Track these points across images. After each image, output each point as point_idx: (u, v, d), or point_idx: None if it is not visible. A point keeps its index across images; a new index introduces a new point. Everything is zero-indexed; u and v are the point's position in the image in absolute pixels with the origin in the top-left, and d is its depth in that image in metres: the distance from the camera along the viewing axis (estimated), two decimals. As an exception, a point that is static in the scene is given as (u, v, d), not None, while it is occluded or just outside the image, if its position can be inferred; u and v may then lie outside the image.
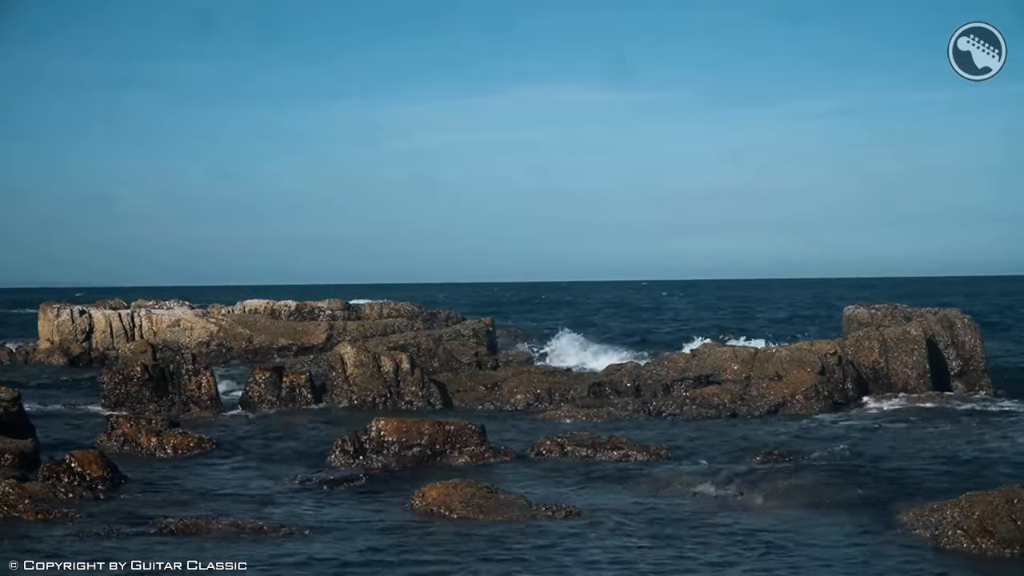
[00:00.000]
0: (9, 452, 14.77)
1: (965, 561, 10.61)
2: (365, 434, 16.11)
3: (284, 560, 10.65)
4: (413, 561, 10.67)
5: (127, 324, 34.62)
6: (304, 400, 22.07)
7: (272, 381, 22.23)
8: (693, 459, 16.35)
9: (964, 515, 10.99)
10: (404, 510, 12.80)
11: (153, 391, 21.81)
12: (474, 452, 16.01)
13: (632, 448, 16.37)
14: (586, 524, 12.08)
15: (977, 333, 24.56)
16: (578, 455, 16.12)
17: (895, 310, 25.87)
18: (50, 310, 35.00)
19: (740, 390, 22.17)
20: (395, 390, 22.25)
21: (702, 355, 23.89)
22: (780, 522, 12.17)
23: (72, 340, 34.30)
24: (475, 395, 23.30)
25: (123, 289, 72.52)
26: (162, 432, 17.23)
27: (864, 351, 23.50)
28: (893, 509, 12.57)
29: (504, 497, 12.80)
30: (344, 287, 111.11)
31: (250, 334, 34.37)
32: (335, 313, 35.77)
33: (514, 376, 24.06)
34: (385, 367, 22.38)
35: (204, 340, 34.12)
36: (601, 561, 10.69)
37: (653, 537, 11.57)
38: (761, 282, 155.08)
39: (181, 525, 11.68)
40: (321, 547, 11.16)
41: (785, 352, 22.95)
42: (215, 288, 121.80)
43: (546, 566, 10.53)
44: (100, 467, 14.22)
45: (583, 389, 23.18)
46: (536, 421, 20.67)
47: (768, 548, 11.12)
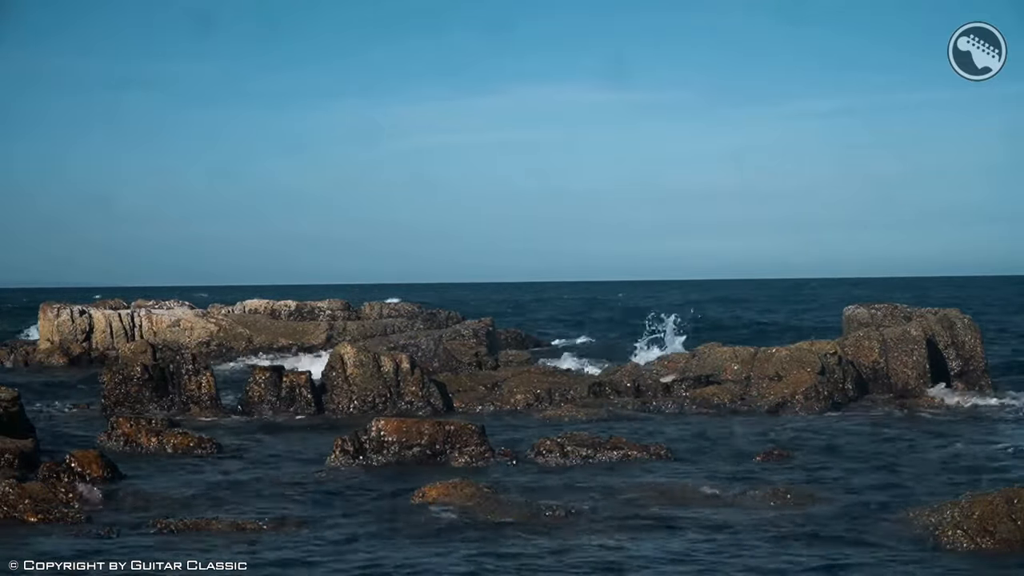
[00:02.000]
0: (9, 452, 14.76)
1: (965, 561, 10.61)
2: (365, 434, 16.11)
3: (284, 560, 10.66)
4: (413, 561, 10.68)
5: (127, 324, 34.61)
6: (304, 400, 22.07)
7: (272, 381, 22.23)
8: (693, 459, 16.35)
9: (964, 515, 10.99)
10: (404, 510, 12.80)
11: (153, 391, 21.81)
12: (474, 452, 16.01)
13: (632, 448, 16.37)
14: (586, 524, 12.09)
15: (977, 333, 24.57)
16: (578, 455, 16.13)
17: (895, 310, 25.87)
18: (50, 310, 34.98)
19: (740, 390, 22.17)
20: (395, 390, 22.25)
21: (702, 355, 23.89)
22: (780, 522, 12.17)
23: (72, 340, 34.30)
24: (475, 395, 23.30)
25: (123, 289, 72.55)
26: (162, 432, 17.23)
27: (864, 351, 23.50)
28: (893, 509, 12.58)
29: (504, 497, 12.81)
30: (344, 287, 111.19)
31: (250, 334, 34.37)
32: (335, 313, 35.77)
33: (514, 376, 24.06)
34: (385, 367, 22.38)
35: (204, 340, 34.12)
36: (601, 561, 10.69)
37: (653, 537, 11.58)
38: (761, 282, 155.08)
39: (181, 525, 11.69)
40: (321, 547, 11.17)
41: (785, 352, 22.95)
42: (215, 288, 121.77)
43: (546, 566, 10.53)
44: (100, 467, 14.23)
45: (583, 389, 23.18)
46: (536, 421, 20.68)
47: (768, 548, 11.12)
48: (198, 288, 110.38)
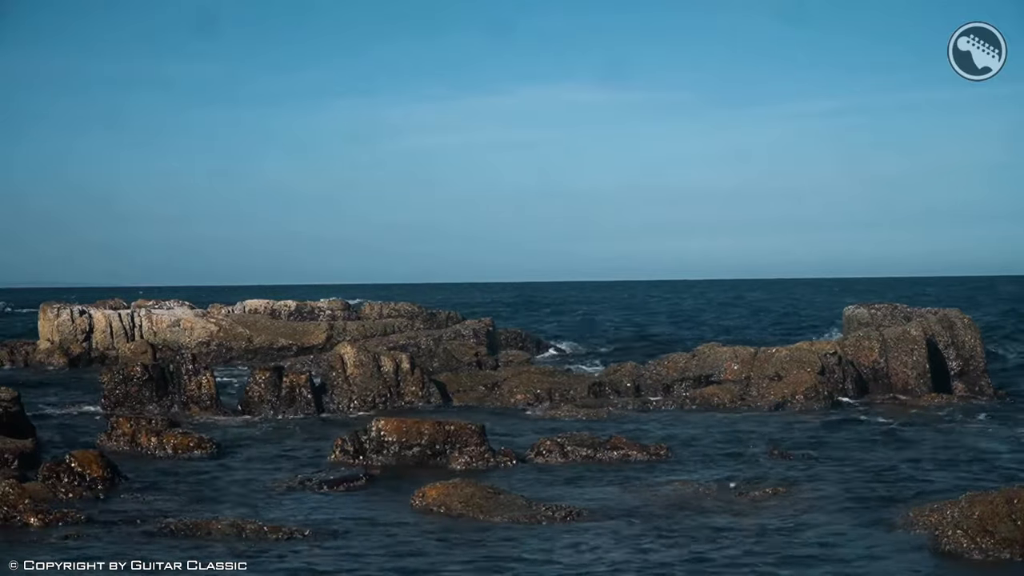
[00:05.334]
0: (9, 452, 14.77)
1: (965, 561, 10.61)
2: (365, 434, 16.11)
3: (284, 560, 10.66)
4: (413, 561, 10.67)
5: (127, 324, 34.61)
6: (304, 400, 22.06)
7: (272, 381, 22.22)
8: (693, 459, 16.35)
9: (964, 515, 10.98)
10: (404, 510, 12.80)
11: (153, 391, 21.82)
12: (474, 452, 16.01)
13: (632, 448, 16.37)
14: (586, 524, 12.09)
15: (977, 333, 24.58)
16: (578, 455, 16.12)
17: (895, 310, 25.89)
18: (50, 310, 34.98)
19: (740, 390, 22.18)
20: (395, 390, 22.25)
21: (702, 355, 23.91)
22: (780, 522, 12.17)
23: (72, 340, 34.29)
24: (475, 395, 23.31)
25: (123, 289, 72.55)
26: (162, 432, 17.23)
27: (864, 351, 23.50)
28: (893, 509, 12.58)
29: (504, 497, 12.80)
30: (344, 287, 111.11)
31: (250, 334, 34.36)
32: (335, 313, 35.77)
33: (514, 376, 24.06)
34: (385, 367, 22.38)
35: (204, 340, 34.12)
36: (601, 561, 10.69)
37: (653, 537, 11.57)
38: (763, 282, 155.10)
39: (181, 525, 11.68)
40: (321, 547, 11.16)
41: (785, 352, 22.96)
42: (215, 288, 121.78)
43: (546, 566, 10.53)
44: (100, 467, 14.23)
45: (583, 389, 23.18)
46: (536, 421, 20.67)
47: (767, 548, 11.12)
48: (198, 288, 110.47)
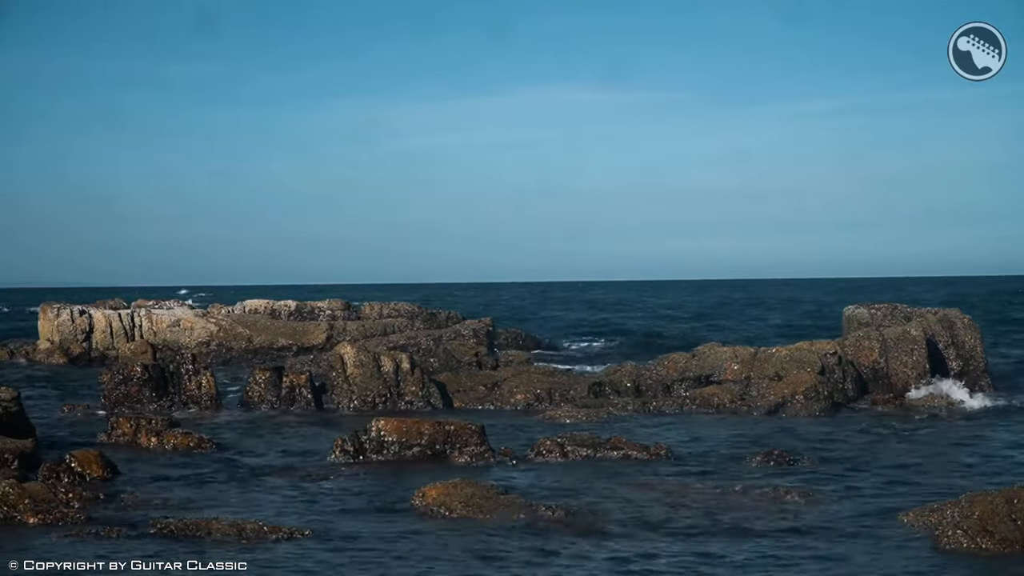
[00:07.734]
0: (9, 452, 14.77)
1: (965, 561, 10.61)
2: (365, 434, 16.12)
3: (284, 560, 10.66)
4: (413, 561, 10.68)
5: (127, 324, 34.62)
6: (304, 400, 22.07)
7: (272, 381, 22.23)
8: (693, 459, 16.35)
9: (964, 515, 10.99)
10: (404, 510, 12.80)
11: (153, 391, 21.83)
12: (474, 452, 16.01)
13: (632, 448, 16.37)
14: (587, 525, 12.09)
15: (977, 333, 24.59)
16: (578, 455, 16.13)
17: (895, 310, 25.88)
18: (50, 310, 35.01)
19: (740, 390, 22.17)
20: (395, 390, 22.25)
21: (702, 355, 23.90)
22: (780, 522, 12.17)
23: (72, 340, 34.31)
24: (475, 395, 23.31)
25: (123, 289, 72.57)
26: (162, 432, 17.24)
27: (864, 351, 23.51)
28: (893, 509, 12.58)
29: (504, 497, 12.80)
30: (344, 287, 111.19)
31: (250, 334, 34.37)
32: (335, 313, 35.78)
33: (514, 376, 24.06)
34: (385, 367, 22.38)
35: (204, 340, 34.12)
36: (601, 561, 10.70)
37: (653, 537, 11.58)
38: (762, 282, 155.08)
39: (181, 525, 11.68)
40: (321, 547, 11.17)
41: (785, 352, 22.96)
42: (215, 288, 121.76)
43: (546, 566, 10.54)
44: (100, 467, 14.24)
45: (583, 389, 23.18)
46: (536, 421, 20.67)
47: (768, 548, 11.12)
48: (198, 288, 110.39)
